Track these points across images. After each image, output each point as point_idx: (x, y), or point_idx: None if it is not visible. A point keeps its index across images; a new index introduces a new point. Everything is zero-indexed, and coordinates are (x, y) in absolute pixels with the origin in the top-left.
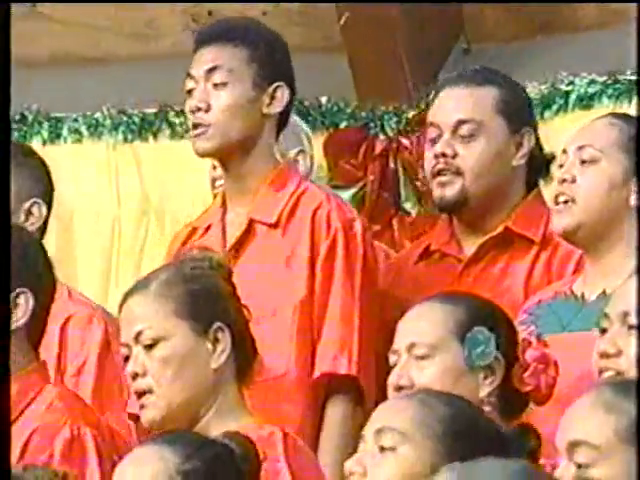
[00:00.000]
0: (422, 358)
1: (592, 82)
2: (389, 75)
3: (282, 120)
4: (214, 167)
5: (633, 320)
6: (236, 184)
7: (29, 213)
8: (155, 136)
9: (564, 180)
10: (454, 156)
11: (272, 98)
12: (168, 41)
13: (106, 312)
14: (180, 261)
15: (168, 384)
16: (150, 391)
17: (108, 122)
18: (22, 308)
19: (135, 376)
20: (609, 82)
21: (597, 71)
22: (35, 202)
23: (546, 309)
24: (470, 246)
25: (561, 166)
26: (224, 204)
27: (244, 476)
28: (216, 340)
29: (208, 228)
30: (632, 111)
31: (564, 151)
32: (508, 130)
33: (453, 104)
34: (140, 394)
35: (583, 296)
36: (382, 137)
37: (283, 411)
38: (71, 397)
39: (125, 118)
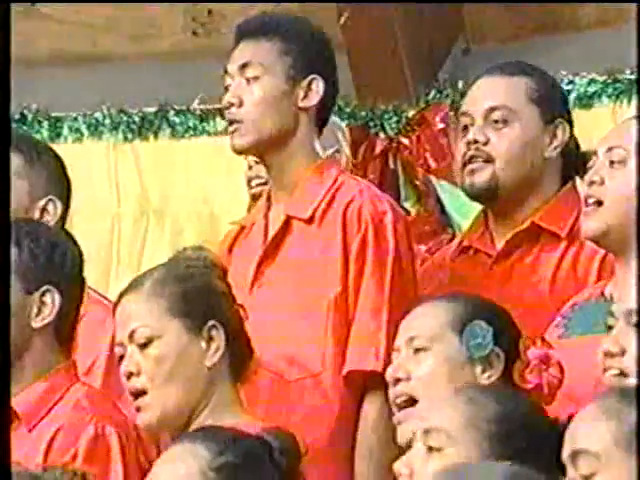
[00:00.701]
0: (420, 350)
1: (592, 81)
2: (389, 74)
3: (322, 114)
4: (249, 167)
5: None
6: (277, 180)
7: (44, 211)
8: (155, 135)
9: (592, 182)
10: (486, 143)
11: (307, 91)
12: (168, 41)
13: None
14: (174, 260)
15: (162, 383)
16: (144, 391)
17: (108, 121)
18: (48, 306)
19: (130, 375)
20: (609, 81)
21: (597, 70)
22: (50, 199)
23: (578, 311)
24: (502, 240)
25: (591, 168)
26: (269, 201)
27: (283, 470)
28: (210, 338)
29: (253, 225)
30: (632, 110)
31: (594, 153)
32: (541, 120)
33: (484, 92)
34: (135, 395)
35: (612, 298)
36: (382, 136)
37: (319, 409)
38: (98, 396)
39: (125, 117)
